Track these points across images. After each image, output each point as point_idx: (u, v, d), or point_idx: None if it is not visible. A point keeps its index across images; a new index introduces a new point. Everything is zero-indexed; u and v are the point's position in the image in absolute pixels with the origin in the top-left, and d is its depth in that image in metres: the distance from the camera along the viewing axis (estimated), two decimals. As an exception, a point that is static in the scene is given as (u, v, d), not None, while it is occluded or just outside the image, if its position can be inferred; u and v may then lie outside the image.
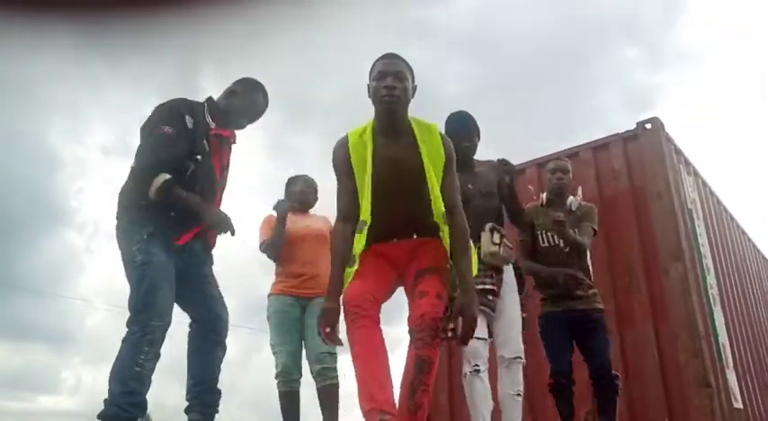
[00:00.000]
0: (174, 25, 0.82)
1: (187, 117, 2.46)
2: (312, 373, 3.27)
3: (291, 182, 3.62)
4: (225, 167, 2.65)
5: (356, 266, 2.14)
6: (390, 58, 2.25)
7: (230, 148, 2.70)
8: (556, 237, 3.29)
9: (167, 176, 2.35)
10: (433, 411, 4.74)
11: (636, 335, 4.08)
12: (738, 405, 4.18)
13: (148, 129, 2.46)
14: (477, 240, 2.79)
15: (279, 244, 3.33)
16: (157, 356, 2.31)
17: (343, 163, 2.26)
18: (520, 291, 2.98)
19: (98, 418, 2.22)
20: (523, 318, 2.96)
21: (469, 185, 2.91)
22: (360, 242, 2.16)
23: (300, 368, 3.28)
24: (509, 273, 2.94)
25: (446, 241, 2.17)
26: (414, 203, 2.19)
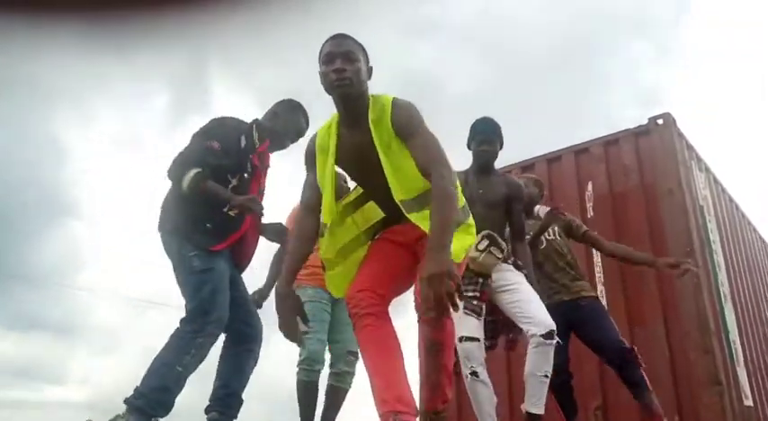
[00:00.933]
0: (182, 17, 0.82)
1: (242, 137, 2.58)
2: (332, 369, 3.27)
3: None
4: (262, 191, 2.71)
5: (337, 270, 2.12)
6: (337, 37, 2.03)
7: (266, 173, 2.76)
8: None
9: (198, 169, 2.42)
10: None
11: (646, 332, 4.06)
12: (749, 402, 4.16)
13: (200, 138, 2.55)
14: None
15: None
16: (202, 360, 2.34)
17: (306, 157, 2.17)
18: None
19: (124, 403, 2.26)
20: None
21: (480, 190, 2.98)
22: (323, 246, 2.09)
23: (324, 359, 3.26)
24: (502, 272, 2.89)
25: (421, 222, 1.95)
26: (386, 188, 2.00)
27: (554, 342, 2.72)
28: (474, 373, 2.73)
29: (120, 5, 0.82)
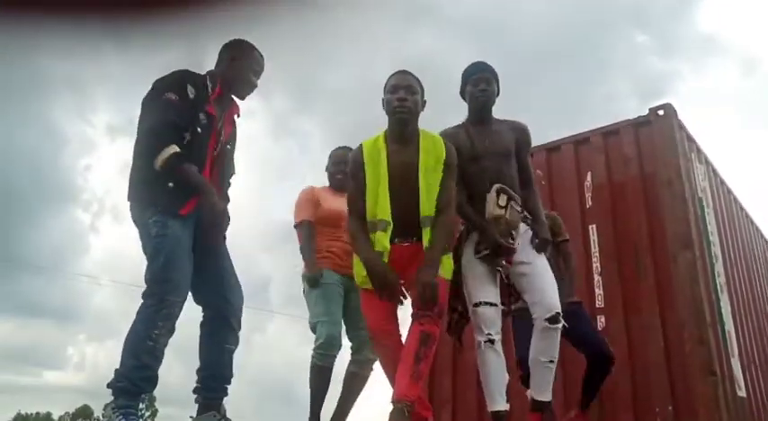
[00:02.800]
0: (181, 7, 0.81)
1: (189, 87, 2.44)
2: (355, 355, 3.23)
3: (331, 154, 3.57)
4: (222, 144, 2.60)
5: (385, 258, 2.41)
6: (403, 73, 2.55)
7: (233, 122, 2.68)
8: None
9: (176, 149, 2.32)
10: (436, 393, 4.77)
11: (642, 321, 4.08)
12: (742, 393, 4.19)
13: (150, 98, 2.45)
14: (482, 201, 2.70)
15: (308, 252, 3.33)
16: (171, 331, 2.29)
17: (356, 167, 2.55)
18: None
19: (108, 388, 2.24)
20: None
21: (486, 142, 2.80)
22: (386, 239, 2.43)
23: (341, 344, 3.21)
24: (526, 234, 2.75)
25: (428, 236, 2.44)
26: (411, 204, 2.45)
27: (559, 326, 2.60)
28: (490, 341, 2.56)
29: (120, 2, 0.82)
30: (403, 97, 2.48)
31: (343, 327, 3.29)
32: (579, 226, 4.50)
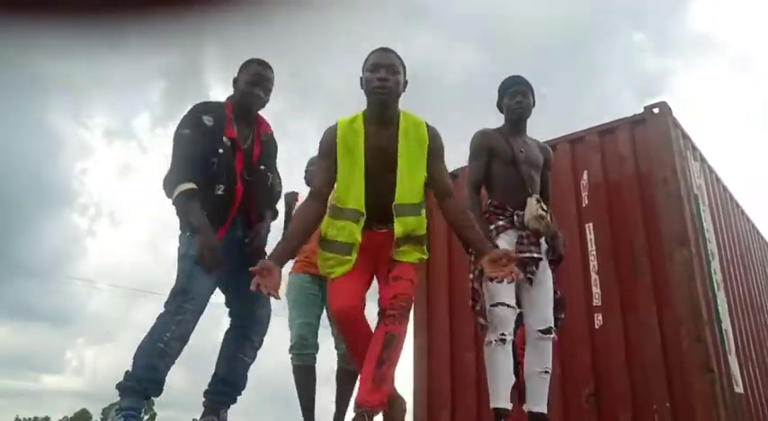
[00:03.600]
0: (177, 8, 0.82)
1: (205, 117, 2.54)
2: (338, 351, 3.25)
3: (311, 159, 3.55)
4: (250, 162, 2.61)
5: (355, 255, 2.27)
6: (384, 51, 2.36)
7: (262, 141, 2.68)
8: None
9: (189, 186, 2.42)
10: (435, 393, 4.78)
11: (639, 319, 4.09)
12: (739, 390, 4.20)
13: (176, 133, 2.56)
14: (521, 206, 2.81)
15: None
16: (184, 339, 2.36)
17: (328, 146, 2.36)
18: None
19: (116, 388, 2.30)
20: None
21: (521, 150, 2.91)
22: (356, 232, 2.28)
23: (316, 342, 3.24)
24: (544, 246, 2.86)
25: (402, 225, 2.30)
26: (388, 190, 2.31)
27: (552, 336, 2.71)
28: (502, 340, 2.61)
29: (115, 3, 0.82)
30: (384, 77, 2.30)
31: (328, 327, 3.31)
32: (576, 225, 4.52)
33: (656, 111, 4.44)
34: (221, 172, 2.49)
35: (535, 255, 2.75)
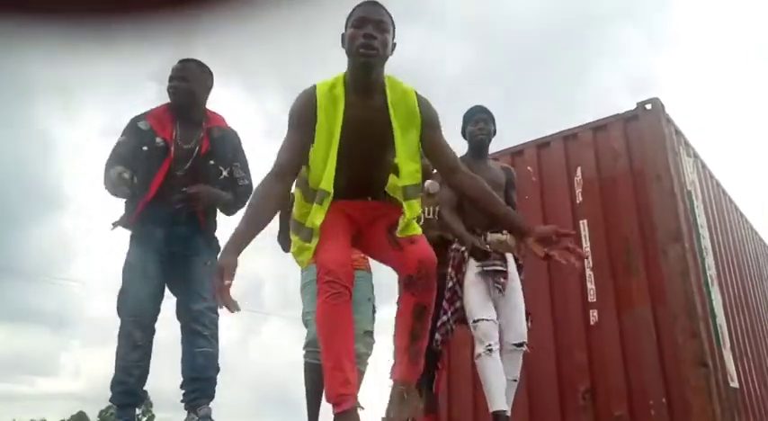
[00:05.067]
0: (169, 7, 0.81)
1: (140, 123, 2.72)
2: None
3: None
4: (200, 155, 2.70)
5: (314, 242, 1.95)
6: (373, 4, 1.99)
7: (209, 136, 2.74)
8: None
9: (119, 169, 2.56)
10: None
11: (634, 315, 4.10)
12: (734, 384, 4.22)
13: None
14: (487, 226, 3.04)
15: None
16: (135, 347, 2.50)
17: (301, 115, 1.99)
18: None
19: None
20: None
21: (484, 174, 2.99)
22: (319, 214, 1.95)
23: None
24: (511, 262, 3.09)
25: (412, 208, 2.01)
26: (376, 169, 2.06)
27: (523, 349, 2.96)
28: (489, 350, 2.83)
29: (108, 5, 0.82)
30: (371, 34, 1.92)
31: None
32: (570, 221, 4.52)
33: (648, 107, 4.45)
34: (143, 168, 2.63)
35: (499, 268, 2.98)
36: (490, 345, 2.83)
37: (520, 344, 2.95)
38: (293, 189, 2.20)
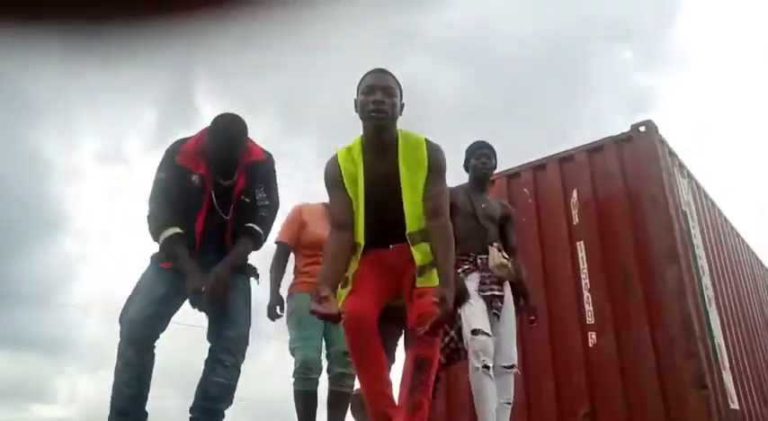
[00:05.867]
0: (168, 32, 0.83)
1: (177, 157, 2.61)
2: (329, 374, 3.14)
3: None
4: (236, 194, 2.64)
5: (348, 289, 2.15)
6: (380, 72, 2.23)
7: (247, 173, 2.66)
8: None
9: (174, 231, 2.52)
10: (430, 414, 4.73)
11: (632, 336, 4.10)
12: (735, 406, 4.20)
13: (156, 174, 2.67)
14: (482, 251, 3.13)
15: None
16: (128, 367, 2.47)
17: (334, 177, 2.26)
18: (517, 306, 3.20)
19: None
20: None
21: (483, 205, 3.25)
22: (353, 266, 2.17)
23: (321, 366, 3.13)
24: (507, 289, 3.13)
25: (421, 252, 2.18)
26: (396, 217, 2.21)
27: (514, 370, 3.00)
28: (486, 367, 2.82)
29: (104, 18, 0.83)
30: (380, 100, 2.15)
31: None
32: (567, 243, 4.55)
33: (642, 129, 4.51)
34: (186, 208, 2.57)
35: (497, 293, 3.03)
36: (486, 362, 2.82)
37: (510, 367, 2.98)
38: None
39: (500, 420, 2.88)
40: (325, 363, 3.18)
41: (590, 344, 4.23)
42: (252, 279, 2.75)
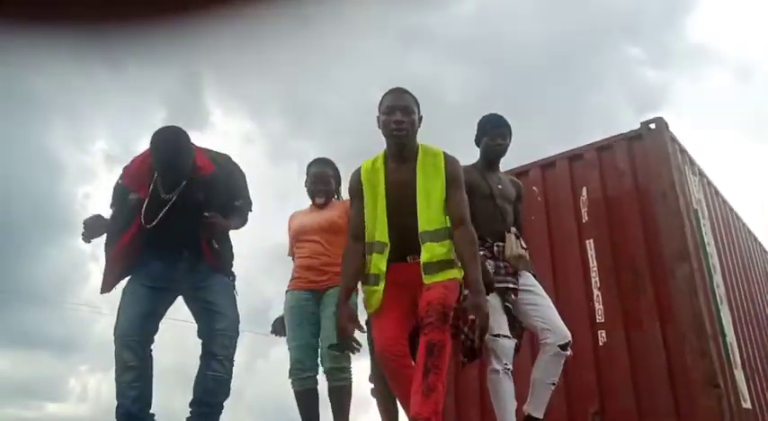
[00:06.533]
0: (175, 32, 0.83)
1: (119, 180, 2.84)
2: (324, 371, 3.13)
3: (307, 170, 3.51)
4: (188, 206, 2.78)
5: (382, 285, 2.39)
6: (398, 92, 2.49)
7: (203, 188, 2.80)
8: None
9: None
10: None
11: (643, 335, 4.07)
12: (747, 405, 4.16)
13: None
14: (499, 238, 2.99)
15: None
16: (126, 368, 2.58)
17: (354, 188, 2.55)
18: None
19: None
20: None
21: (499, 186, 3.11)
22: (382, 262, 2.40)
23: (315, 363, 3.14)
24: (526, 277, 3.01)
25: (429, 251, 2.37)
26: (412, 221, 2.41)
27: (568, 353, 2.86)
28: (507, 368, 2.77)
29: (113, 20, 0.83)
30: (400, 120, 2.44)
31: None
32: (577, 241, 4.52)
33: (652, 126, 4.47)
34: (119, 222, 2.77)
35: (511, 286, 2.90)
36: (507, 365, 2.77)
37: (565, 347, 2.84)
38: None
39: (541, 398, 2.84)
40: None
41: (600, 343, 4.20)
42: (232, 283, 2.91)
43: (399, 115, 2.44)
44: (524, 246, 3.04)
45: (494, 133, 3.09)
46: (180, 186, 2.77)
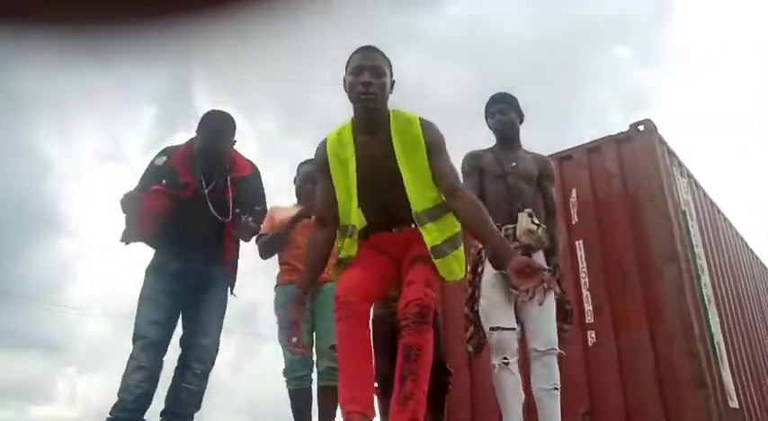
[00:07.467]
0: (165, 31, 0.82)
1: (157, 159, 2.82)
2: (318, 369, 3.09)
3: (297, 169, 3.48)
4: (212, 198, 2.81)
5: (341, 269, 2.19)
6: (368, 50, 2.13)
7: (235, 184, 2.86)
8: None
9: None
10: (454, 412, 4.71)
11: (631, 336, 4.10)
12: (734, 404, 4.20)
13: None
14: (510, 220, 2.80)
15: (278, 245, 3.28)
16: (138, 368, 2.57)
17: (319, 164, 2.23)
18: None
19: None
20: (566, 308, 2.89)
21: (513, 164, 2.92)
22: (351, 247, 2.15)
23: (309, 363, 3.09)
24: (540, 258, 2.80)
25: (431, 234, 2.10)
26: (397, 197, 2.11)
27: (556, 351, 2.71)
28: (505, 362, 2.62)
29: (102, 17, 0.83)
30: (368, 81, 2.06)
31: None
32: (566, 242, 4.53)
33: (641, 128, 4.50)
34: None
35: None
36: (506, 358, 2.62)
37: (546, 351, 2.68)
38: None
39: (551, 410, 2.67)
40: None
41: (589, 344, 4.23)
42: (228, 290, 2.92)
43: (368, 76, 2.07)
44: (537, 222, 2.80)
45: (492, 110, 3.01)
46: (216, 181, 2.82)
